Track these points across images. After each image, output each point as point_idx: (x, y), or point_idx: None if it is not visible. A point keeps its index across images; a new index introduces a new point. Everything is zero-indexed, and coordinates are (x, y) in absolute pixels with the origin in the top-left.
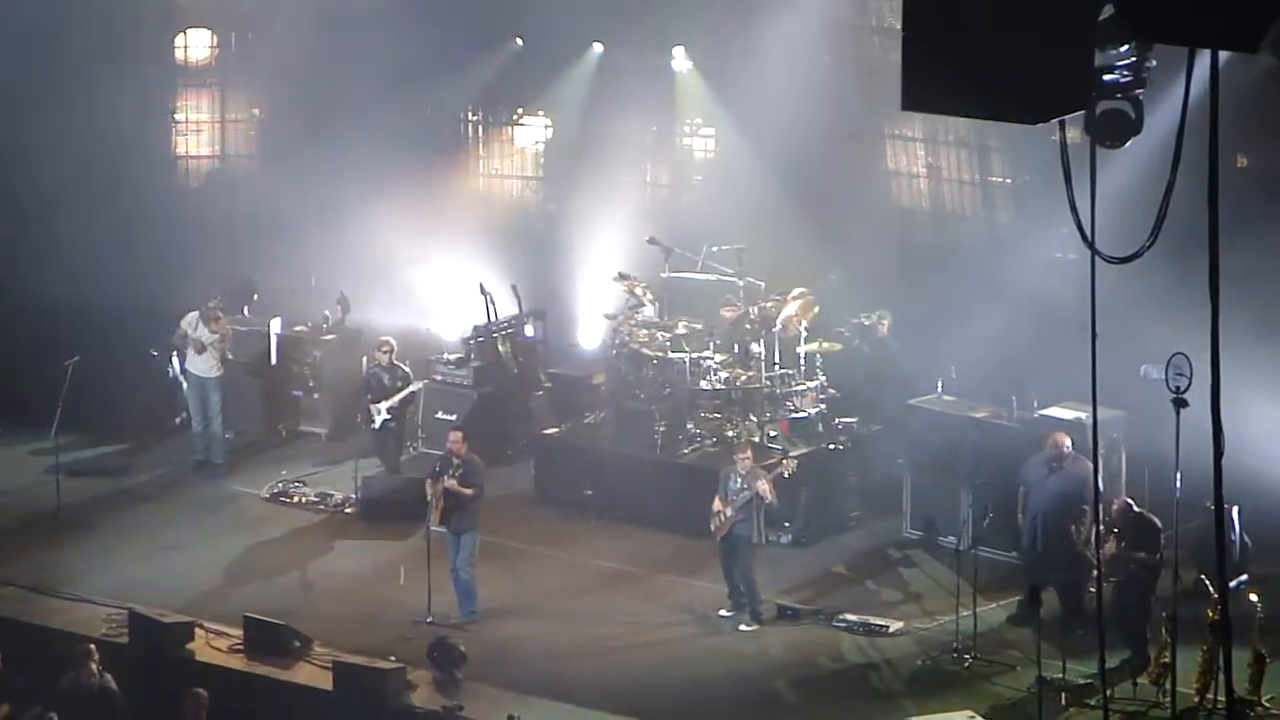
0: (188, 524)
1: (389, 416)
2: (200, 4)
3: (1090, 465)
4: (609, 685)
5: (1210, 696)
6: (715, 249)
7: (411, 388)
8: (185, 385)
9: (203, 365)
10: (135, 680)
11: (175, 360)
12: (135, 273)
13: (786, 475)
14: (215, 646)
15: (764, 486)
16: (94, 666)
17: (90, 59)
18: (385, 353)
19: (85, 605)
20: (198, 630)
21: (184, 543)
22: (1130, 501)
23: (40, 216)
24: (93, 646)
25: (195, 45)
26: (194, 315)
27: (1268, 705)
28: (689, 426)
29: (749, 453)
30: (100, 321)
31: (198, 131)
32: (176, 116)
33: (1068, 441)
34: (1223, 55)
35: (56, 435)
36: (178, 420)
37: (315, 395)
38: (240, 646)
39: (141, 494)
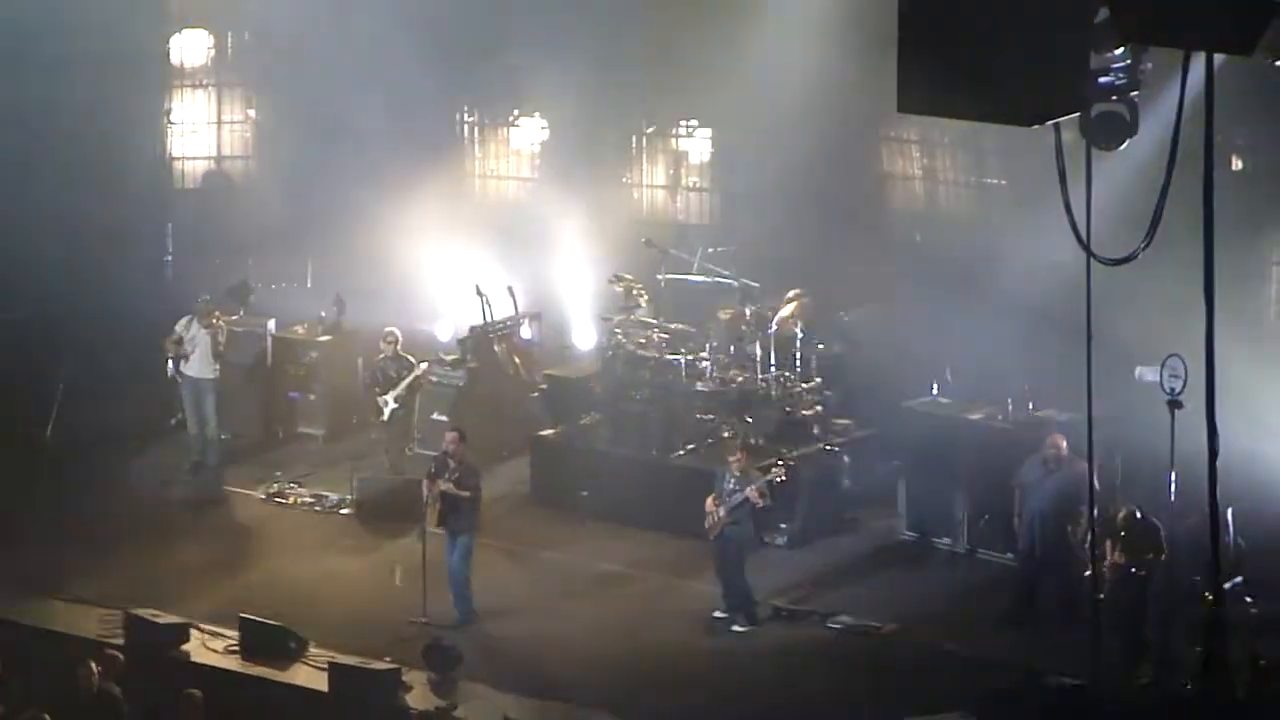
0: (183, 526)
1: (397, 405)
2: (196, 5)
3: (1086, 466)
4: (604, 686)
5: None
6: (711, 250)
7: (416, 372)
8: (181, 387)
9: (197, 367)
10: (131, 682)
11: (170, 362)
12: (131, 274)
13: (777, 481)
14: (211, 648)
15: (754, 493)
16: (93, 667)
17: (84, 61)
18: (390, 343)
19: (81, 607)
20: (193, 631)
21: (180, 544)
22: (1136, 509)
23: (33, 219)
24: (105, 653)
25: (191, 47)
26: (188, 318)
27: None
28: (685, 427)
29: (742, 454)
30: (95, 323)
31: (193, 133)
32: (172, 118)
33: (1064, 442)
34: (1218, 58)
35: (51, 437)
36: (173, 422)
37: (311, 397)
38: (236, 648)
39: (137, 496)
